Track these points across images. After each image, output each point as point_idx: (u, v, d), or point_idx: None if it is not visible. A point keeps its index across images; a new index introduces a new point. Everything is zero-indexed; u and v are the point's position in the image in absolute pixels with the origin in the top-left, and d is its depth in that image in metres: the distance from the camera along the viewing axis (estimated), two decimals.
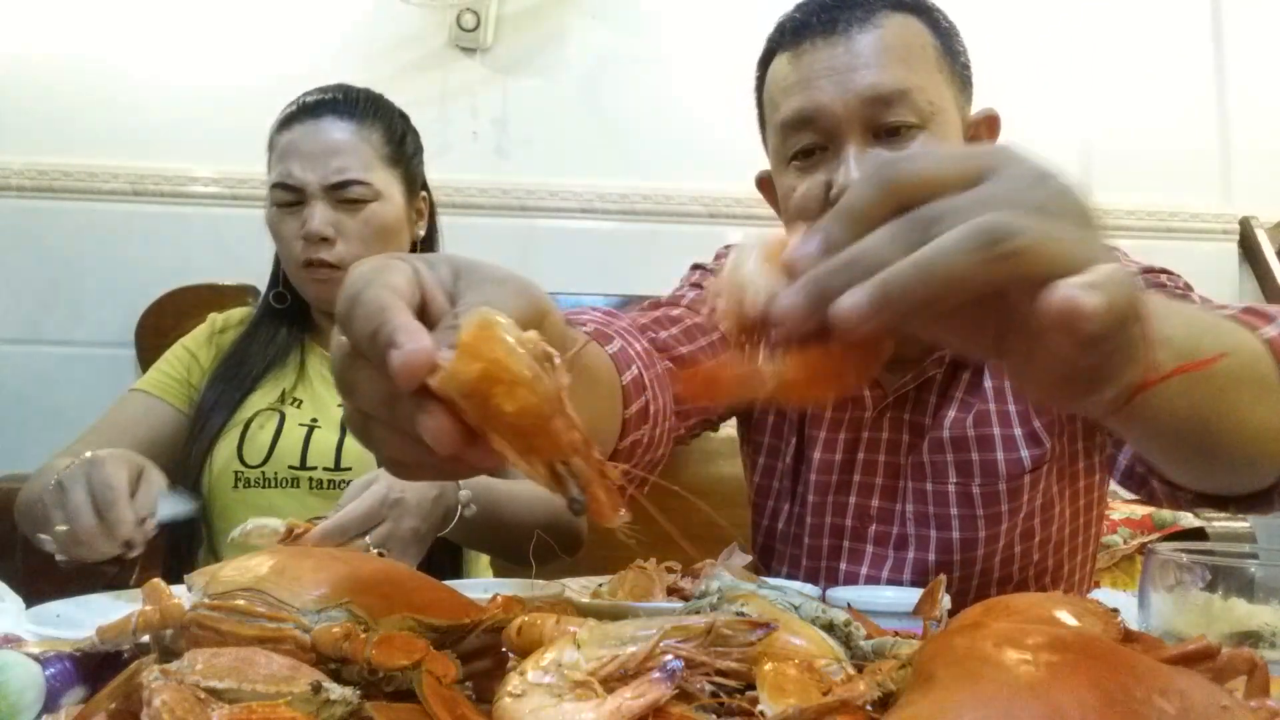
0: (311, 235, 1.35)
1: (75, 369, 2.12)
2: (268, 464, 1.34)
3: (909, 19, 1.00)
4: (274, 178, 1.39)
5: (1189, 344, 0.53)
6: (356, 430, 0.48)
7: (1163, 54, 2.34)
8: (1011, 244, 0.41)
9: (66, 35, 2.15)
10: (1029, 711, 0.38)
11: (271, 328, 1.47)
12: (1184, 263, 2.24)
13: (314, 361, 1.47)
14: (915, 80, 0.96)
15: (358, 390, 0.45)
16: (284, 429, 1.36)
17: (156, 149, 2.16)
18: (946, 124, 0.99)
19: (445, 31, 2.25)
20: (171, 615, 0.57)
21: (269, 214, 1.41)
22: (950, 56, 1.03)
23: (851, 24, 0.98)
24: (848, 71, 0.96)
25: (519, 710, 0.50)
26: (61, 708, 0.57)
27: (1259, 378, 0.61)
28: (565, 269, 2.22)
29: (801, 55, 0.99)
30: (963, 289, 0.42)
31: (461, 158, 2.25)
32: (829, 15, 0.99)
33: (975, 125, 1.06)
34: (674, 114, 2.28)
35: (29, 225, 2.13)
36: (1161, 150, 2.32)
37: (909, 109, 0.96)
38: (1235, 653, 0.46)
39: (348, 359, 0.45)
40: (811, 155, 1.00)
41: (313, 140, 1.38)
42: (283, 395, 1.41)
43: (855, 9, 0.99)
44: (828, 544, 1.14)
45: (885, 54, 0.96)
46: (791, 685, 0.49)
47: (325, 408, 1.40)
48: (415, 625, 0.57)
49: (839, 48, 0.97)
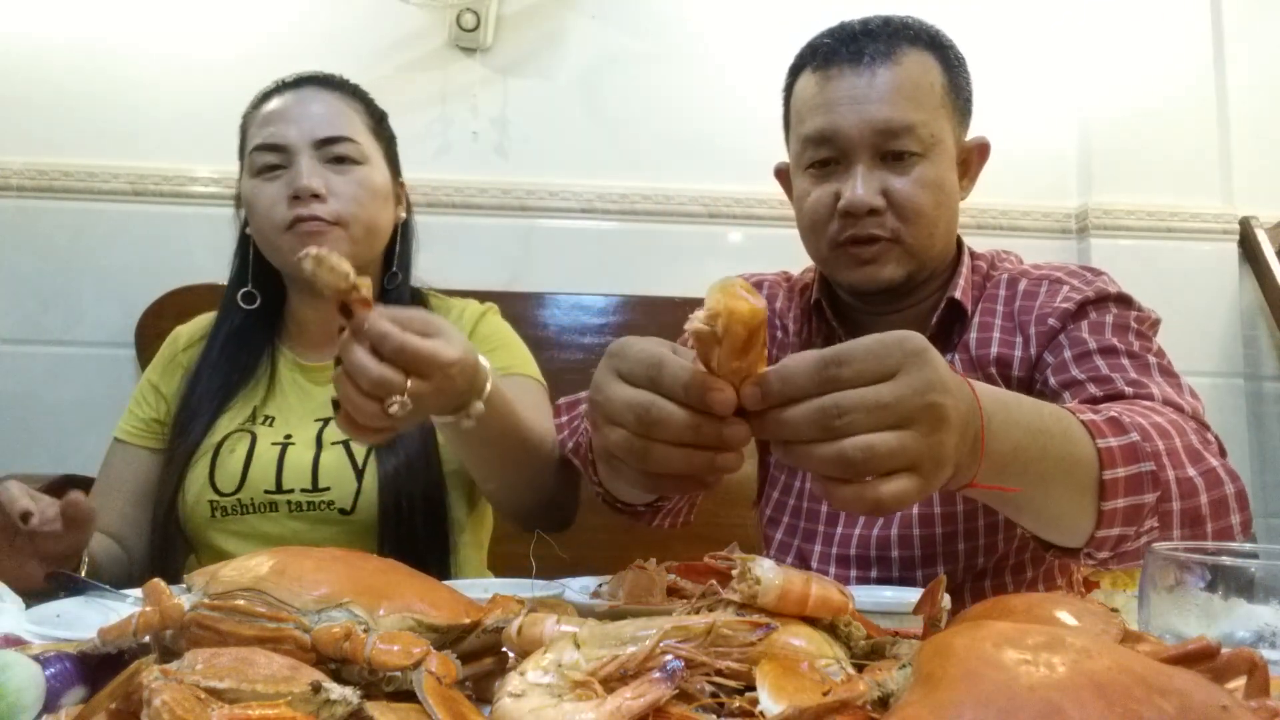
0: (302, 190, 1.24)
1: (75, 369, 2.12)
2: (242, 490, 1.26)
3: (925, 55, 1.15)
4: (255, 142, 1.29)
5: (1020, 454, 0.72)
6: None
7: (1163, 54, 2.33)
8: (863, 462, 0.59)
9: (66, 35, 2.15)
10: (1029, 711, 0.38)
11: (237, 337, 1.36)
12: (1184, 263, 2.27)
13: (285, 368, 1.37)
14: (920, 116, 1.12)
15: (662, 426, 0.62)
16: (255, 452, 1.28)
17: (156, 149, 2.16)
18: (943, 152, 1.14)
19: (445, 31, 2.25)
20: (171, 616, 0.57)
21: (245, 187, 1.31)
22: (954, 91, 1.17)
23: (875, 57, 1.12)
24: (866, 102, 1.11)
25: (519, 710, 0.50)
26: (61, 708, 0.57)
27: (1075, 482, 0.80)
28: (565, 269, 2.22)
29: (829, 79, 1.14)
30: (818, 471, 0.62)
31: (461, 158, 2.24)
32: (857, 46, 1.14)
33: (968, 150, 1.21)
34: (674, 114, 2.28)
35: (29, 225, 2.13)
36: (1161, 150, 2.32)
37: (913, 140, 1.11)
38: (1235, 653, 0.46)
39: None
40: (826, 165, 1.15)
41: (297, 107, 1.30)
42: (253, 413, 1.33)
43: (879, 42, 1.14)
44: (825, 510, 1.24)
45: (899, 91, 1.11)
46: (791, 685, 0.49)
47: (299, 422, 1.32)
48: (415, 625, 0.57)
49: (862, 78, 1.12)
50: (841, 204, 1.12)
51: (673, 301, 2.06)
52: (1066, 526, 0.83)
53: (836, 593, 0.61)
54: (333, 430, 1.29)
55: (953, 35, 1.21)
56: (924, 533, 1.16)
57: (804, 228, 1.19)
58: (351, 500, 1.25)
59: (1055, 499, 0.79)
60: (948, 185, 1.15)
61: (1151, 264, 2.25)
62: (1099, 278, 1.17)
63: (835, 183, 1.14)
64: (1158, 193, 2.30)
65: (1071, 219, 2.34)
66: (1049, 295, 1.16)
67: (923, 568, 1.16)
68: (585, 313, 2.16)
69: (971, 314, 1.19)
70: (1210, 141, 2.33)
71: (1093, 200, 2.30)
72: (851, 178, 1.12)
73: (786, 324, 1.30)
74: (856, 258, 1.14)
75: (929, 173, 1.12)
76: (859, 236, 1.13)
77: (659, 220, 2.26)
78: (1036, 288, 1.18)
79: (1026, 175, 2.31)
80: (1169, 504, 0.84)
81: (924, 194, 1.12)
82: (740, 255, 2.24)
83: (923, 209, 1.12)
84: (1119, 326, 1.09)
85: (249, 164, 1.31)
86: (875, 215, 1.12)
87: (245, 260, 1.36)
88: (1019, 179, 2.29)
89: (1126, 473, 0.81)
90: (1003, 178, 2.36)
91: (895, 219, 1.12)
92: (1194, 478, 0.86)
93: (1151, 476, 0.82)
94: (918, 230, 1.13)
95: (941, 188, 1.14)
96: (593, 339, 2.13)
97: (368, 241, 1.31)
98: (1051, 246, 2.30)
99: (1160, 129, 2.31)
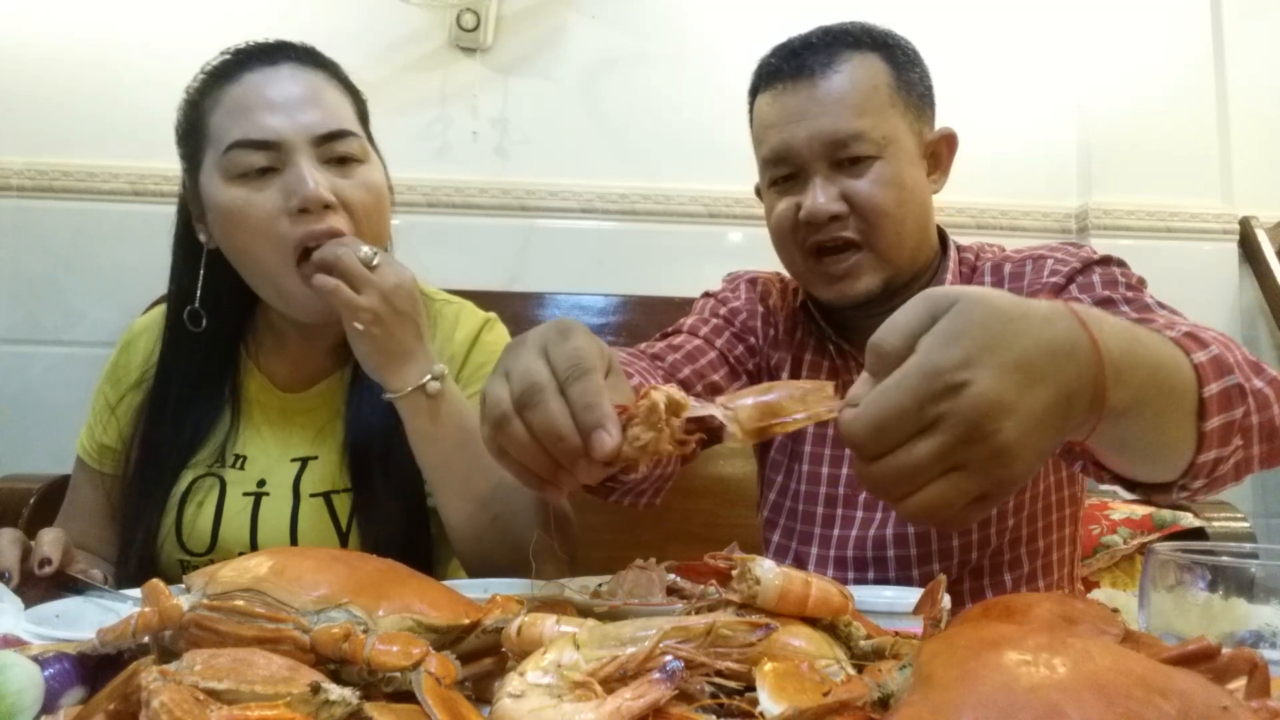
0: (311, 201, 1.03)
1: (74, 369, 2.11)
2: (215, 551, 1.12)
3: (867, 57, 1.16)
4: (232, 138, 1.05)
5: (1141, 396, 0.64)
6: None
7: (1163, 54, 2.33)
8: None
9: (67, 35, 2.15)
10: (1029, 712, 0.37)
11: (189, 361, 1.17)
12: (1184, 263, 2.27)
13: (257, 393, 1.20)
14: (866, 121, 1.13)
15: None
16: (225, 504, 1.13)
17: (156, 149, 2.14)
18: (899, 150, 1.15)
19: (445, 31, 2.25)
20: (171, 616, 0.57)
21: (224, 197, 1.06)
22: (905, 88, 1.17)
23: (815, 70, 1.14)
24: (810, 117, 1.13)
25: (519, 711, 0.50)
26: (61, 708, 0.57)
27: (1182, 409, 0.73)
28: (565, 269, 2.22)
29: (777, 97, 1.16)
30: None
31: (461, 158, 2.24)
32: (798, 60, 1.16)
33: (935, 143, 1.21)
34: (674, 114, 2.28)
35: (29, 225, 2.13)
36: (1161, 150, 2.32)
37: (864, 144, 1.13)
38: (1235, 653, 0.46)
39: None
40: (788, 180, 1.18)
41: (278, 87, 1.07)
42: (221, 452, 1.16)
43: (819, 53, 1.15)
44: (821, 512, 1.23)
45: (842, 101, 1.13)
46: (791, 685, 0.49)
47: (274, 464, 1.16)
48: (415, 625, 0.57)
49: (803, 93, 1.14)
50: (802, 214, 1.14)
51: (672, 301, 2.06)
52: (1170, 458, 0.77)
53: (836, 593, 0.61)
54: (311, 476, 1.15)
55: (953, 37, 1.22)
56: (918, 531, 1.16)
57: (775, 244, 1.22)
58: None
59: (1167, 431, 0.73)
60: (909, 182, 1.16)
61: (1151, 264, 2.23)
62: (1081, 249, 1.18)
63: (796, 195, 1.16)
64: (1158, 192, 2.30)
65: (1071, 219, 2.34)
66: (1035, 272, 1.17)
67: (919, 566, 1.16)
68: (585, 313, 2.16)
69: None
70: (1210, 141, 2.33)
71: (1093, 200, 2.30)
72: (810, 189, 1.14)
73: (778, 323, 1.31)
74: (829, 274, 1.16)
75: (886, 172, 1.13)
76: (825, 243, 1.14)
77: (659, 220, 2.26)
78: (1021, 268, 1.19)
79: (1026, 175, 2.31)
80: (1250, 418, 0.79)
81: (884, 192, 1.13)
82: (740, 255, 2.23)
83: (884, 208, 1.13)
84: (1108, 282, 1.10)
85: (223, 165, 1.07)
86: (838, 220, 1.14)
87: (193, 274, 1.15)
88: (1019, 179, 2.30)
89: (1219, 388, 0.75)
90: (1003, 178, 2.37)
91: (859, 221, 1.14)
92: (1263, 388, 0.81)
93: (1239, 389, 0.77)
94: (883, 230, 1.14)
95: (903, 185, 1.14)
96: None
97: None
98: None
99: (1160, 129, 2.31)
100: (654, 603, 0.75)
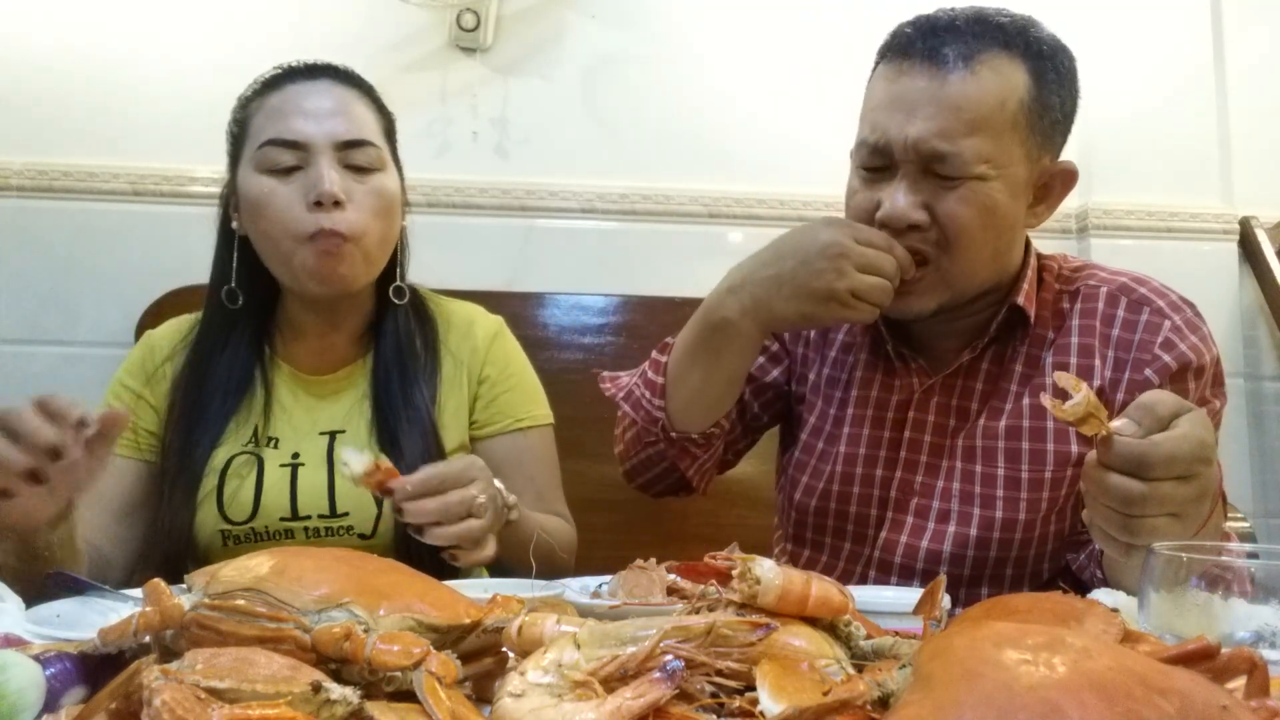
0: (325, 196, 1.18)
1: (74, 369, 2.11)
2: (256, 519, 1.22)
3: (1011, 64, 1.05)
4: (266, 136, 1.22)
5: (1210, 522, 0.84)
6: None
7: (1163, 54, 2.33)
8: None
9: (67, 35, 2.15)
10: (1029, 711, 0.38)
11: (225, 347, 1.28)
12: (1184, 263, 2.27)
13: (283, 383, 1.31)
14: (977, 140, 1.02)
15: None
16: (265, 477, 1.23)
17: (156, 149, 2.16)
18: (1002, 178, 1.05)
19: (445, 31, 2.25)
20: (172, 616, 0.57)
21: (251, 184, 1.21)
22: (1038, 110, 1.06)
23: (948, 60, 1.03)
24: (921, 117, 1.03)
25: (519, 710, 0.50)
26: (61, 708, 0.57)
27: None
28: (565, 269, 2.22)
29: (897, 76, 1.06)
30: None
31: (461, 158, 2.24)
32: (934, 42, 1.04)
33: (1050, 174, 1.12)
34: (674, 114, 2.27)
35: (29, 225, 2.13)
36: (1161, 150, 2.32)
37: (957, 166, 1.03)
38: (1234, 652, 0.46)
39: None
40: (877, 172, 1.09)
41: (314, 99, 1.23)
42: (255, 435, 1.27)
43: (961, 41, 1.04)
44: (858, 511, 1.21)
45: (958, 111, 1.02)
46: (791, 685, 0.49)
47: (306, 439, 1.27)
48: (415, 625, 0.57)
49: (922, 83, 1.03)
50: (880, 214, 1.07)
51: (672, 301, 2.06)
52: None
53: (836, 593, 0.61)
54: (341, 448, 1.25)
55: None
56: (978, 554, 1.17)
57: None
58: (372, 525, 1.24)
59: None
60: (1002, 209, 1.06)
61: (1151, 264, 2.22)
62: (1194, 333, 1.12)
63: (880, 189, 1.08)
64: (1158, 193, 2.29)
65: (1071, 219, 2.34)
66: (1148, 331, 1.11)
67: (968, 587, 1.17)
68: (585, 313, 2.15)
69: (1050, 321, 1.16)
70: (1210, 142, 2.33)
71: (1093, 200, 2.30)
72: (894, 192, 1.06)
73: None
74: None
75: (980, 193, 1.04)
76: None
77: (659, 220, 2.26)
78: (1135, 316, 1.13)
79: None
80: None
81: (970, 214, 1.04)
82: (740, 255, 2.23)
83: (967, 230, 1.05)
84: (1200, 402, 1.07)
85: (256, 159, 1.22)
86: (916, 230, 1.06)
87: (229, 259, 1.27)
88: None
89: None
90: None
91: (937, 235, 1.06)
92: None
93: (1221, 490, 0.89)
94: (958, 253, 1.06)
95: (994, 211, 1.05)
96: (592, 339, 2.13)
97: (380, 254, 1.28)
98: (1051, 246, 2.27)
99: (1160, 129, 2.31)
100: (654, 603, 0.75)
